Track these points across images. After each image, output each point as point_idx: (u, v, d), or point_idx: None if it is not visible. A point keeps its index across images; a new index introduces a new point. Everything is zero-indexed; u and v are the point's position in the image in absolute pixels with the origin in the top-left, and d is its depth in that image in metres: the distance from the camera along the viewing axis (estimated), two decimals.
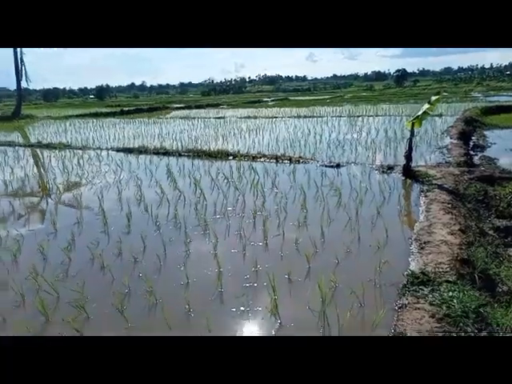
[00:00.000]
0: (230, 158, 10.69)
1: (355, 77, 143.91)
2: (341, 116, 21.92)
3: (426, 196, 6.46)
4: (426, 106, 8.21)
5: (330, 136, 14.01)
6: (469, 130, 15.03)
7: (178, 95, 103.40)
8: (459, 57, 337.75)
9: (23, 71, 33.76)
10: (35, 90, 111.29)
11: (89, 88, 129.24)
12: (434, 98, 8.35)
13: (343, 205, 6.26)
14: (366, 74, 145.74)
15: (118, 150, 12.85)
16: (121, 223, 5.83)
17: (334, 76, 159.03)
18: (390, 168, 8.58)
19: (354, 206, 6.06)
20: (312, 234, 5.13)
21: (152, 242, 5.08)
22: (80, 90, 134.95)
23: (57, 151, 13.33)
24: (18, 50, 32.60)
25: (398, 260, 4.32)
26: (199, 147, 11.95)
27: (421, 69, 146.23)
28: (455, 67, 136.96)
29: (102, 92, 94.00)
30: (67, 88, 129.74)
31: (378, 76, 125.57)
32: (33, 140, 16.99)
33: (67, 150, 13.44)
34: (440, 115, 19.12)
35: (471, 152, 11.64)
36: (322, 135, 14.18)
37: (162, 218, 6.02)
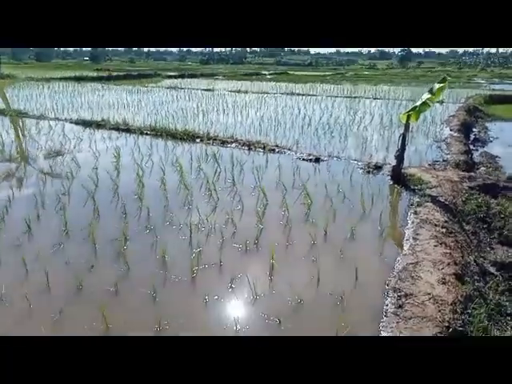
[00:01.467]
0: (198, 140, 9.26)
1: (359, 54, 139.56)
2: (337, 96, 20.37)
3: (415, 213, 5.14)
4: (427, 95, 6.75)
5: (320, 119, 12.59)
6: (470, 121, 13.81)
7: (175, 62, 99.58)
8: None
9: None
10: (30, 50, 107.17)
11: (84, 50, 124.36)
12: (437, 85, 6.86)
13: (310, 219, 4.95)
14: (369, 52, 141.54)
15: (77, 123, 11.31)
16: (17, 231, 4.50)
17: (338, 52, 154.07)
18: (378, 167, 7.22)
19: (324, 223, 4.73)
20: (259, 267, 3.84)
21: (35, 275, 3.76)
22: (75, 51, 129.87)
23: (7, 118, 11.78)
24: None
25: (363, 325, 3.05)
26: (169, 125, 10.46)
27: (427, 49, 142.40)
28: (461, 50, 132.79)
29: (96, 55, 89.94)
30: (62, 48, 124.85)
31: (382, 55, 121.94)
32: None
33: (22, 118, 11.91)
34: (441, 102, 17.65)
35: (471, 146, 10.56)
36: (311, 118, 12.72)
37: (72, 228, 4.67)
